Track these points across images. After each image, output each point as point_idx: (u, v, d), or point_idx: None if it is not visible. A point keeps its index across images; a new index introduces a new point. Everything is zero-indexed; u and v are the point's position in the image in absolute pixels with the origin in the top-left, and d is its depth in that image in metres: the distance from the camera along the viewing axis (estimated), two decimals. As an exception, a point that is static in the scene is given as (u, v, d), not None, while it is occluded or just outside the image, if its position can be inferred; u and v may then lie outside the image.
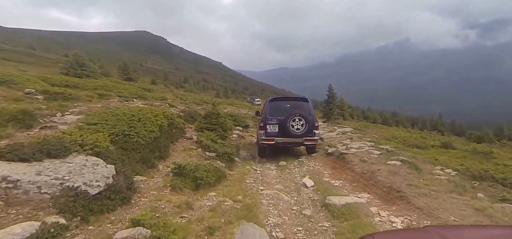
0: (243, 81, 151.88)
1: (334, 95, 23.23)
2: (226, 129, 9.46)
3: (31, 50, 50.78)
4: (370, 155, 6.64)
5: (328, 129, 16.76)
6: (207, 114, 9.27)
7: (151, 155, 5.35)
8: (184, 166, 4.69)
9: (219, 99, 32.93)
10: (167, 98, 16.24)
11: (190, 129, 9.43)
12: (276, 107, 8.43)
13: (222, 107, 19.29)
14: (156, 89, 23.86)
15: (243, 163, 7.79)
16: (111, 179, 3.36)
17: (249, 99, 57.41)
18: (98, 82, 14.64)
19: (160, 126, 6.30)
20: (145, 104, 10.59)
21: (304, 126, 7.61)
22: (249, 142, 11.77)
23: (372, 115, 49.58)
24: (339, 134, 11.92)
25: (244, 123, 14.15)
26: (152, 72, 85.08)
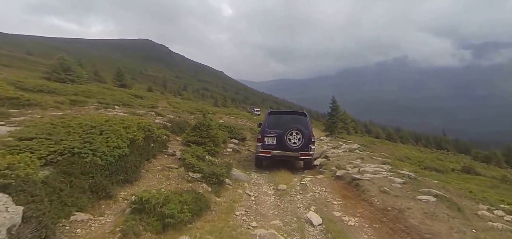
0: (244, 91, 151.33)
1: (338, 108, 22.04)
2: (217, 143, 8.21)
3: (28, 55, 49.97)
4: (391, 184, 5.35)
5: (332, 144, 15.50)
6: (196, 126, 8.04)
7: (110, 179, 4.08)
8: (148, 199, 3.41)
9: (216, 108, 31.75)
10: (158, 106, 15.04)
11: (177, 142, 8.18)
12: (275, 121, 8.57)
13: (218, 117, 18.10)
14: (150, 96, 22.67)
15: (235, 185, 6.51)
16: (7, 233, 2.10)
17: (249, 109, 56.60)
18: (81, 87, 13.48)
19: (131, 140, 5.06)
20: (128, 112, 9.39)
21: (301, 140, 7.69)
22: (245, 157, 10.49)
23: (374, 130, 48.31)
24: (346, 151, 10.65)
25: (241, 135, 12.89)
26: (152, 80, 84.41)
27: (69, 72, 16.83)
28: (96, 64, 48.42)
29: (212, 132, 8.09)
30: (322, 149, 14.12)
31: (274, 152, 7.94)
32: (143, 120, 6.10)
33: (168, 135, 7.91)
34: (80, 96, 10.99)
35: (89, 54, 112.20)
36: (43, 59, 50.79)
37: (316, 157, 10.15)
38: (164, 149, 6.67)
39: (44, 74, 16.65)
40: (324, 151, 11.19)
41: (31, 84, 10.64)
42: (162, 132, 7.71)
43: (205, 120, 8.14)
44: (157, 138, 6.36)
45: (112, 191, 3.92)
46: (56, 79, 15.43)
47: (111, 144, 4.39)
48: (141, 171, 5.22)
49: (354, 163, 7.66)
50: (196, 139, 7.79)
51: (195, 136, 7.86)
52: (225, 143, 11.27)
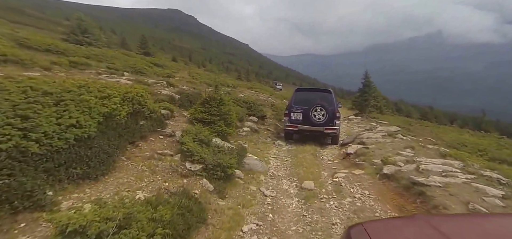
0: (268, 65, 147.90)
1: (371, 84, 19.54)
2: (230, 122, 6.73)
3: (59, 19, 50.85)
4: (483, 198, 3.52)
5: (364, 125, 13.50)
6: (206, 100, 6.57)
7: (52, 176, 2.75)
8: (84, 226, 2.01)
9: (239, 81, 30.23)
10: (175, 76, 13.78)
11: (183, 119, 6.82)
12: (301, 97, 9.06)
13: (238, 91, 16.59)
14: (171, 65, 21.57)
15: (248, 178, 5.08)
16: None
17: (272, 83, 54.87)
18: (95, 51, 12.48)
19: (105, 116, 3.71)
20: (134, 80, 8.14)
21: (325, 115, 8.12)
22: (264, 138, 9.00)
23: (405, 109, 44.33)
24: (384, 135, 8.75)
25: (261, 112, 11.33)
26: (179, 50, 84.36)
27: (87, 34, 15.94)
28: (124, 32, 48.33)
29: (224, 108, 6.59)
30: (352, 130, 12.23)
31: (300, 126, 8.45)
32: (134, 89, 4.71)
33: (171, 110, 6.55)
34: (90, 59, 10.01)
35: (120, 23, 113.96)
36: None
37: (348, 141, 8.41)
38: (161, 128, 5.31)
39: (62, 35, 15.97)
40: (357, 134, 9.35)
41: (38, 43, 9.72)
42: (163, 105, 6.36)
43: (216, 94, 6.64)
44: (150, 113, 4.98)
45: (52, 196, 2.59)
46: (73, 40, 14.65)
47: (65, 120, 3.03)
48: (119, 159, 3.89)
49: (404, 155, 5.85)
50: (204, 116, 6.35)
51: (203, 112, 6.42)
52: (241, 121, 9.80)
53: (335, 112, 8.24)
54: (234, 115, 7.02)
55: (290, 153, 7.64)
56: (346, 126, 13.86)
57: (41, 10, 51.96)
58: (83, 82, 4.15)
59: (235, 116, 7.16)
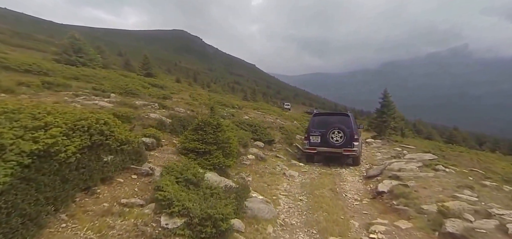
0: (276, 85, 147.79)
1: (390, 104, 18.01)
2: (229, 152, 5.41)
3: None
4: None
5: (387, 151, 11.93)
6: (199, 126, 5.30)
7: None
8: None
9: (245, 102, 29.20)
10: (173, 97, 12.71)
11: (172, 148, 5.55)
12: (319, 121, 9.41)
13: (243, 113, 15.38)
14: (172, 86, 20.70)
15: (250, 235, 3.68)
16: None
17: (279, 103, 53.95)
18: (86, 71, 11.57)
19: (36, 155, 2.46)
20: (119, 103, 6.99)
21: (342, 137, 8.38)
22: (272, 168, 7.59)
23: (425, 130, 42.09)
24: (419, 165, 7.23)
25: (268, 136, 10.00)
26: (185, 72, 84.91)
27: (81, 54, 15.22)
28: (129, 53, 48.52)
29: (222, 135, 5.30)
30: (376, 157, 10.69)
31: (319, 149, 8.79)
32: (93, 115, 3.47)
33: (157, 138, 5.28)
34: (78, 80, 9.09)
35: (126, 44, 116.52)
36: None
37: (375, 173, 6.94)
38: (137, 164, 4.02)
39: (54, 55, 15.26)
40: (384, 163, 7.85)
41: (18, 62, 8.83)
42: (148, 133, 5.11)
43: (212, 118, 5.37)
44: (120, 145, 3.71)
45: None
46: (66, 61, 13.87)
47: None
48: (55, 219, 2.58)
49: (463, 199, 4.35)
50: (197, 145, 5.05)
51: (195, 141, 5.14)
52: (245, 147, 8.48)
53: (353, 134, 8.50)
54: (235, 143, 5.70)
55: (304, 187, 6.22)
56: (366, 151, 12.32)
57: (51, 35, 53.11)
58: (17, 106, 2.95)
59: (236, 144, 5.83)
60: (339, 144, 8.44)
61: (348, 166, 8.86)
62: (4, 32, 41.00)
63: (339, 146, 8.44)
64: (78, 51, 15.24)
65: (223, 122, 5.55)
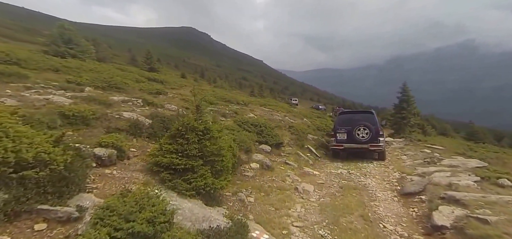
0: (283, 81, 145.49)
1: (410, 99, 16.17)
2: (222, 168, 3.90)
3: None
4: None
5: (413, 153, 10.24)
6: (178, 132, 3.78)
7: None
8: None
9: (252, 98, 27.67)
10: (168, 93, 11.29)
11: (144, 162, 4.07)
12: (344, 119, 9.81)
13: (249, 110, 13.85)
14: (173, 82, 19.31)
15: None
16: None
17: (287, 99, 52.59)
18: (70, 62, 10.21)
19: None
20: (87, 98, 5.55)
21: (368, 134, 8.79)
22: (281, 181, 6.06)
23: (439, 125, 39.60)
24: (469, 174, 5.56)
25: (276, 138, 8.44)
26: (193, 68, 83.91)
27: (71, 45, 13.98)
28: (137, 49, 47.47)
29: (210, 145, 3.77)
30: (403, 161, 9.00)
31: (346, 145, 9.06)
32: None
33: (120, 148, 3.80)
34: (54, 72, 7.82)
35: (136, 41, 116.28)
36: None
37: (416, 190, 5.29)
38: (58, 199, 2.51)
39: (43, 47, 13.94)
40: (425, 176, 6.16)
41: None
42: (109, 140, 3.64)
43: (196, 121, 3.84)
44: (22, 170, 2.22)
45: None
46: (54, 52, 12.59)
47: None
48: None
49: None
50: (174, 159, 3.55)
51: (172, 153, 3.64)
52: (249, 153, 6.96)
53: (379, 130, 8.92)
54: (229, 155, 4.16)
55: (325, 211, 4.67)
56: (389, 154, 10.64)
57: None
58: None
59: (231, 155, 4.31)
60: (365, 139, 8.80)
61: (374, 176, 7.26)
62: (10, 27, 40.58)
63: (365, 142, 8.79)
64: (68, 42, 13.89)
65: (214, 126, 4.01)
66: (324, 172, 7.85)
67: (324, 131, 14.02)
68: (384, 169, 8.14)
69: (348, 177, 7.25)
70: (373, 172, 7.81)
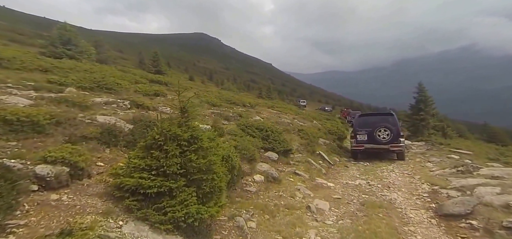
0: (292, 83, 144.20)
1: (428, 99, 14.91)
2: (212, 189, 2.94)
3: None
4: None
5: (439, 158, 9.09)
6: (155, 142, 2.85)
7: None
8: None
9: (259, 100, 26.74)
10: (167, 94, 10.47)
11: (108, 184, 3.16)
12: (364, 121, 9.98)
13: (255, 112, 12.90)
14: (178, 84, 18.55)
15: None
16: None
17: (295, 101, 51.80)
18: (64, 63, 9.49)
19: None
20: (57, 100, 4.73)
21: (389, 135, 8.95)
22: (289, 198, 5.07)
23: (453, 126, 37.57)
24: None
25: (283, 145, 7.44)
26: (203, 71, 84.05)
27: (70, 46, 13.45)
28: (142, 52, 47.24)
29: (196, 158, 2.84)
30: (429, 169, 7.84)
31: (366, 146, 9.31)
32: None
33: (76, 164, 2.89)
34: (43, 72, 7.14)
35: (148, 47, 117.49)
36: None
37: (463, 211, 4.19)
38: None
39: (41, 48, 13.34)
40: (472, 194, 5.03)
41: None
42: (60, 153, 2.75)
43: (180, 128, 2.92)
44: None
45: None
46: (51, 53, 11.98)
47: None
48: None
49: None
50: (144, 180, 2.62)
51: (144, 170, 2.71)
52: (252, 163, 6.00)
53: (399, 131, 9.12)
54: (224, 170, 3.21)
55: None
56: (411, 160, 9.52)
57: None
58: None
59: (225, 172, 3.34)
60: (386, 140, 8.96)
61: (399, 188, 6.19)
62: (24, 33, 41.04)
63: (386, 143, 8.96)
64: (67, 43, 13.29)
65: (205, 134, 3.07)
66: (339, 183, 6.82)
67: (335, 134, 12.94)
68: (409, 179, 7.05)
69: (369, 189, 6.21)
70: (397, 182, 6.73)
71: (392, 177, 7.34)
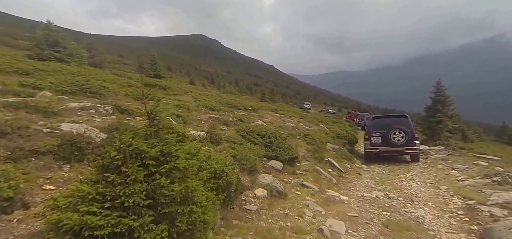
0: (295, 85, 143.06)
1: (446, 99, 13.91)
2: (192, 224, 2.10)
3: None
4: None
5: (464, 166, 8.14)
6: (112, 162, 2.04)
7: None
8: None
9: (262, 103, 25.98)
10: (163, 99, 9.72)
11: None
12: (378, 123, 9.95)
13: (258, 116, 12.11)
14: (177, 87, 17.90)
15: None
16: None
17: (299, 103, 51.18)
18: (49, 66, 8.84)
19: None
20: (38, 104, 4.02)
21: (404, 137, 8.87)
22: (296, 217, 4.25)
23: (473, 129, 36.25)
24: None
25: (288, 152, 6.60)
26: (204, 75, 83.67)
27: (57, 48, 12.75)
28: (142, 56, 46.88)
29: (168, 183, 2.02)
30: (454, 178, 6.93)
31: (381, 148, 9.22)
32: None
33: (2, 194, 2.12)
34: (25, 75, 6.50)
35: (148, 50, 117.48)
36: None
37: None
38: None
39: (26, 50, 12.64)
40: None
41: None
42: None
43: (147, 142, 2.13)
44: None
45: None
46: (38, 56, 11.30)
47: None
48: None
49: None
50: (93, 216, 1.82)
51: (93, 204, 1.90)
52: (253, 174, 5.18)
53: (414, 133, 9.11)
54: (209, 199, 2.39)
55: None
56: (430, 166, 8.60)
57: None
58: None
59: (211, 202, 2.51)
60: (400, 143, 8.89)
61: (425, 202, 5.30)
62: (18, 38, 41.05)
63: (400, 145, 8.90)
64: (54, 45, 12.61)
65: (180, 149, 2.26)
66: (354, 195, 5.95)
67: (345, 138, 12.06)
68: (434, 190, 6.15)
69: (389, 204, 5.33)
70: (421, 195, 5.84)
71: (413, 187, 6.45)
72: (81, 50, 14.42)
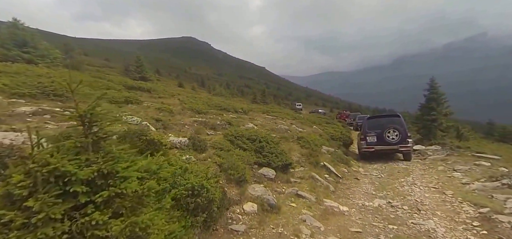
0: (287, 87, 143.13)
1: (441, 97, 13.59)
2: None
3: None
4: None
5: (465, 167, 7.68)
6: (16, 191, 1.33)
7: None
8: None
9: (254, 105, 25.36)
10: (144, 102, 8.96)
11: None
12: (373, 123, 10.17)
13: (248, 118, 11.46)
14: (163, 90, 17.07)
15: None
16: None
17: (291, 105, 50.94)
18: (11, 68, 7.97)
19: None
20: None
21: (398, 136, 9.17)
22: (291, 236, 3.60)
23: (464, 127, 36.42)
24: None
25: (281, 158, 5.95)
26: (194, 77, 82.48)
27: (26, 48, 11.81)
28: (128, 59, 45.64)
29: (104, 218, 1.33)
30: (458, 181, 6.43)
31: (376, 147, 9.43)
32: None
33: None
34: None
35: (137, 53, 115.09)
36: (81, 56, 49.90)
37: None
38: None
39: None
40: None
41: None
42: None
43: (78, 156, 1.46)
44: None
45: None
46: (3, 57, 10.27)
47: None
48: None
49: None
50: None
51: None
52: (241, 186, 4.52)
53: (407, 132, 9.42)
54: (171, 235, 1.72)
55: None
56: (429, 167, 8.12)
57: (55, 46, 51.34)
58: None
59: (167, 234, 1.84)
60: (395, 141, 9.15)
61: (433, 211, 4.75)
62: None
63: (395, 143, 9.16)
64: (22, 44, 11.57)
65: (131, 167, 1.57)
66: (354, 205, 5.35)
67: (340, 140, 11.54)
68: (439, 196, 5.62)
69: (394, 214, 4.76)
70: (426, 202, 5.29)
71: (416, 193, 5.91)
72: (54, 51, 13.34)
